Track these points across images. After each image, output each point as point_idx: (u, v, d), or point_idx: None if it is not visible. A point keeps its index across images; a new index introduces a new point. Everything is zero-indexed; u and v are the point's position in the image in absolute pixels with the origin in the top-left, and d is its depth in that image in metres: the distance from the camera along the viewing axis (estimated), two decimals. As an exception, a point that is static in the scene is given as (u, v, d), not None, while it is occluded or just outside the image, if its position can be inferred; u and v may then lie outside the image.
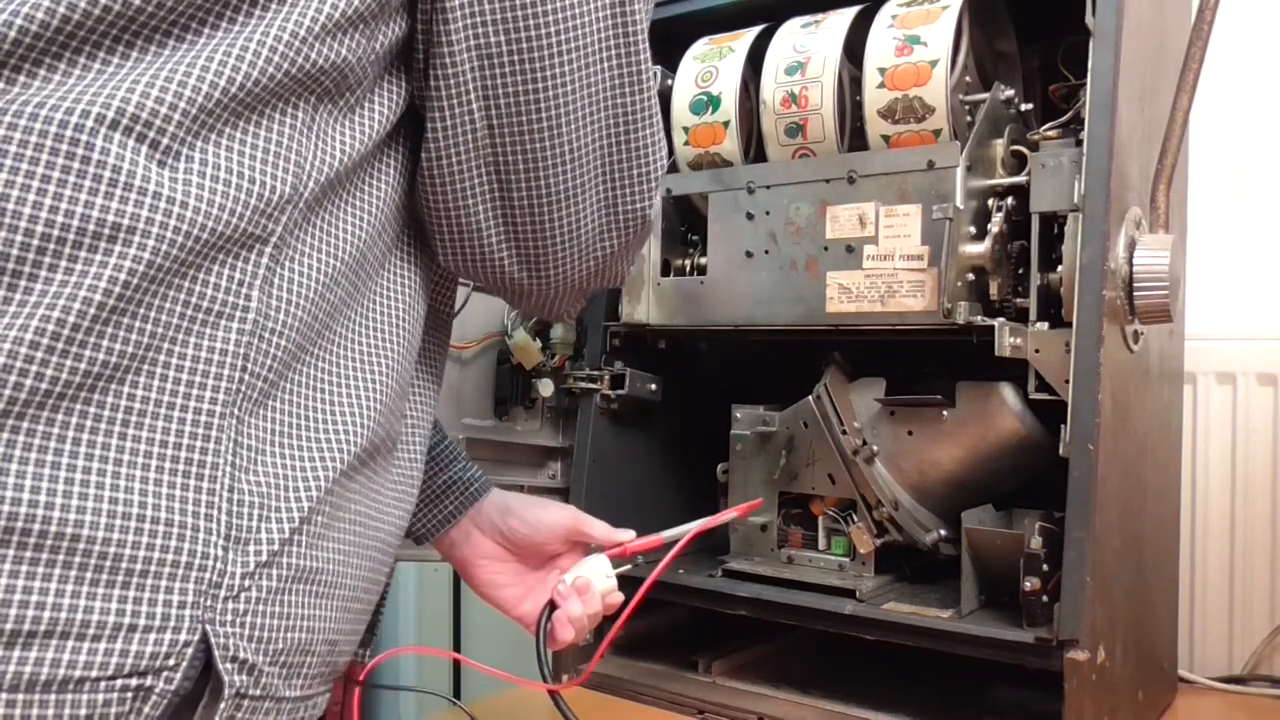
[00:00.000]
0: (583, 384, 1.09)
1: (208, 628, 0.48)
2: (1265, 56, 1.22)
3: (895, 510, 0.97)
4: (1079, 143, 0.84)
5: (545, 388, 1.10)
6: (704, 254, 1.02)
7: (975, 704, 0.95)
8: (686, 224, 1.08)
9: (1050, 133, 0.90)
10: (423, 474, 0.69)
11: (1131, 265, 0.83)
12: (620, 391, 1.08)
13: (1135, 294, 0.83)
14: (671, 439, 1.17)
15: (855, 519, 0.99)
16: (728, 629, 1.09)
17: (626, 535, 0.84)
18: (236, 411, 0.50)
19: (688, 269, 1.06)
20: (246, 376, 0.51)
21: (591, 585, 0.81)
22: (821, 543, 1.02)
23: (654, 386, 1.11)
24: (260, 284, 0.51)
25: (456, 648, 1.82)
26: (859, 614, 0.90)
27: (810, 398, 1.00)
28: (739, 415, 1.06)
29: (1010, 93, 0.93)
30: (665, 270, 1.05)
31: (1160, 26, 0.92)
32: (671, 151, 1.04)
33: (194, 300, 0.49)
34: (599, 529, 0.84)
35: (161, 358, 0.49)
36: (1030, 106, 0.97)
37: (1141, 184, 0.87)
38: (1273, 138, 1.22)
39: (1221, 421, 1.17)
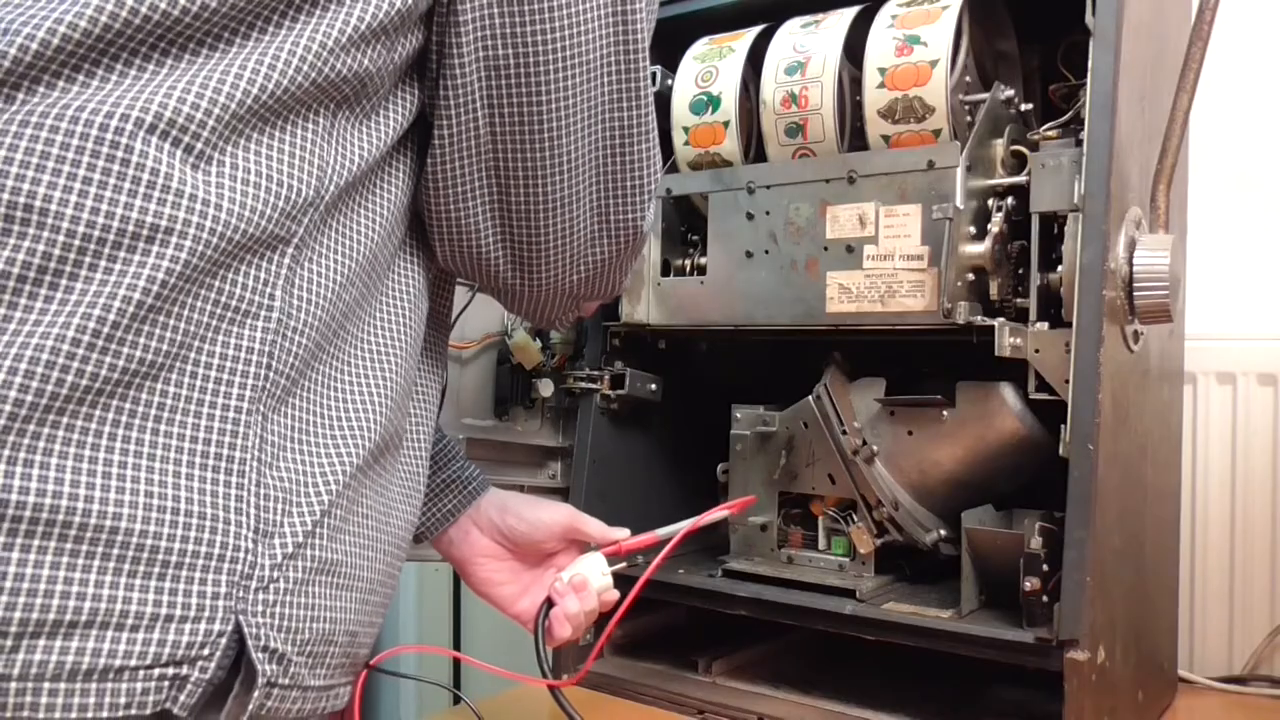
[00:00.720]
0: (583, 384, 1.09)
1: (240, 618, 0.50)
2: (1265, 56, 1.22)
3: (895, 510, 0.97)
4: (1079, 143, 0.84)
5: (545, 388, 1.10)
6: (704, 254, 1.02)
7: (975, 704, 0.95)
8: (686, 224, 1.08)
9: (1050, 133, 0.90)
10: (427, 471, 0.70)
11: (1131, 265, 0.83)
12: (620, 391, 1.08)
13: (1135, 294, 0.83)
14: (671, 439, 1.17)
15: (855, 519, 0.99)
16: (728, 629, 1.08)
17: (622, 534, 0.85)
18: (262, 409, 0.52)
19: (688, 269, 1.05)
20: (271, 374, 0.52)
21: (588, 583, 0.81)
22: (821, 543, 1.02)
23: (654, 386, 1.11)
24: (283, 284, 0.53)
25: (457, 647, 1.82)
26: (859, 614, 0.90)
27: (810, 398, 1.00)
28: (739, 415, 1.06)
29: (1010, 93, 0.93)
30: (665, 270, 1.05)
31: (1160, 26, 0.92)
32: (671, 152, 1.04)
33: (223, 299, 0.51)
34: (595, 527, 0.85)
35: (193, 355, 0.50)
36: (1030, 106, 0.97)
37: (1141, 184, 0.87)
38: (1273, 138, 1.22)
39: (1221, 421, 1.17)
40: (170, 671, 0.47)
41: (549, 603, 0.81)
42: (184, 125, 0.50)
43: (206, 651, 0.48)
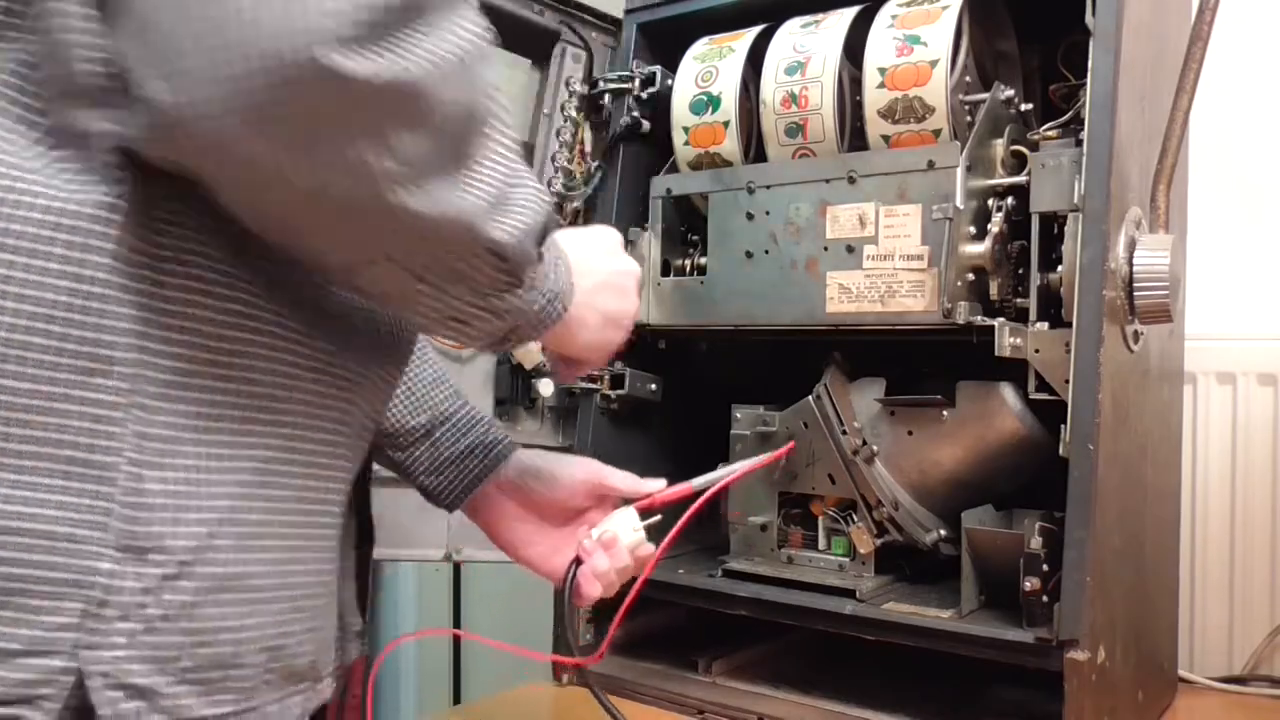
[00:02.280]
0: (583, 384, 1.09)
1: (87, 653, 0.44)
2: (1265, 56, 1.22)
3: (895, 510, 0.97)
4: (1079, 143, 0.84)
5: (545, 388, 1.10)
6: (704, 254, 1.03)
7: (975, 704, 0.95)
8: (686, 224, 1.08)
9: (1050, 133, 0.90)
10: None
11: (1131, 265, 0.83)
12: (620, 391, 1.08)
13: (1135, 294, 0.83)
14: (671, 439, 1.17)
15: (855, 519, 0.99)
16: (728, 629, 1.08)
17: (655, 485, 0.82)
18: (142, 399, 0.45)
19: (688, 269, 1.06)
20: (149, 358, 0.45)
21: (618, 540, 0.79)
22: (821, 543, 1.02)
23: (654, 386, 1.11)
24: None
25: (456, 648, 1.83)
26: (859, 614, 0.90)
27: (810, 398, 1.00)
28: (739, 415, 1.06)
29: (1010, 93, 0.93)
30: (665, 270, 1.05)
31: (1160, 26, 0.92)
32: (671, 151, 1.04)
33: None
34: (622, 480, 0.82)
35: (36, 340, 0.43)
36: (1030, 106, 0.97)
37: (1141, 184, 0.87)
38: (1273, 137, 1.22)
39: (1221, 421, 1.17)
40: (2, 712, 0.42)
41: (577, 561, 0.79)
42: None
43: (46, 691, 0.43)
